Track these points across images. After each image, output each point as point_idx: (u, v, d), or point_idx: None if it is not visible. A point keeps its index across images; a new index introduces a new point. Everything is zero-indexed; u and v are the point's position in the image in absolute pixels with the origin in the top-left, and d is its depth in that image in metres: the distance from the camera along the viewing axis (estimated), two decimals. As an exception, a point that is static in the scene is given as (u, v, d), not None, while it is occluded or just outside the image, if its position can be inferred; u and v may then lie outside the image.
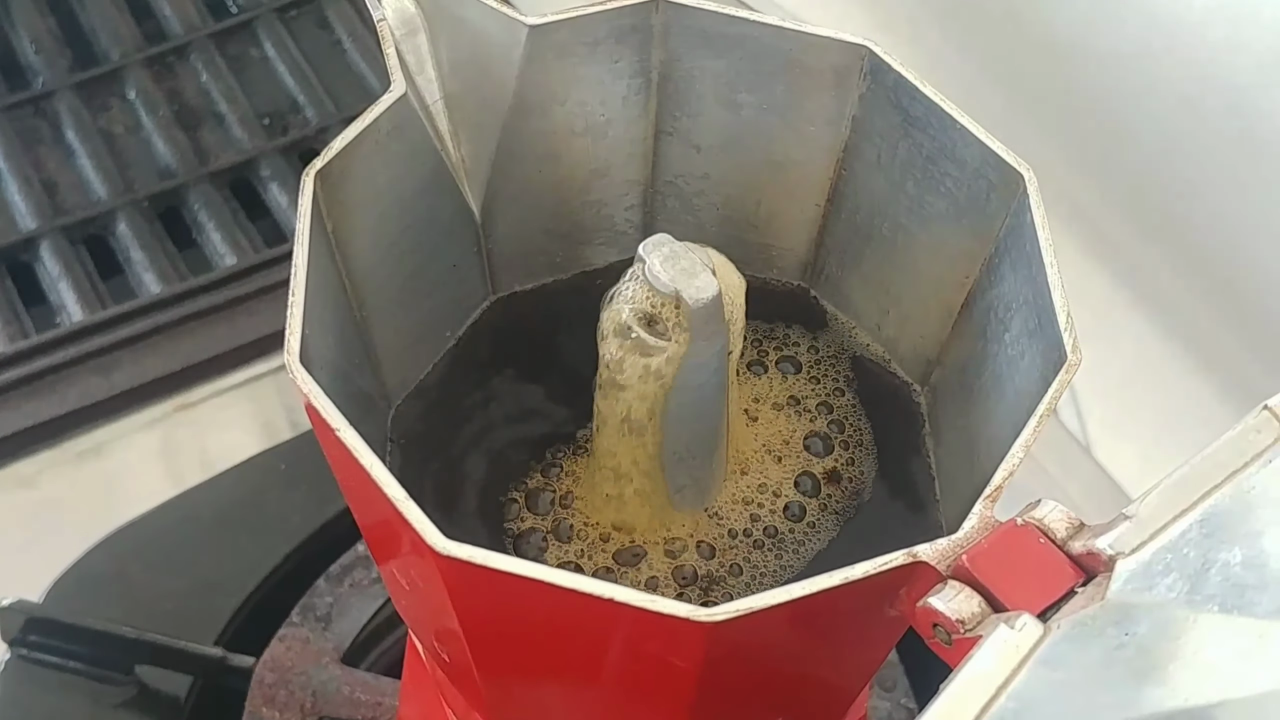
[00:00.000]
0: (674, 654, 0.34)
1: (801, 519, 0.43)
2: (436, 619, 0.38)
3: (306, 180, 0.38)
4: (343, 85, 0.91)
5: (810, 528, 0.43)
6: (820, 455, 0.44)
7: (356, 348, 0.42)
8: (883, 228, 0.44)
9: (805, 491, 0.43)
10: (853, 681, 0.42)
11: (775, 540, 0.42)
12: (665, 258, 0.37)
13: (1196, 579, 0.29)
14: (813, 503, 0.43)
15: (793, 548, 0.42)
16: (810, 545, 0.42)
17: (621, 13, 0.42)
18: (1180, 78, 0.74)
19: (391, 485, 0.33)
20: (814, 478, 0.44)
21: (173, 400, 0.76)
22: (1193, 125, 0.74)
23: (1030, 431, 0.35)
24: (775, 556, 0.42)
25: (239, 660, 0.63)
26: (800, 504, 0.43)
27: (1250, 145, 0.72)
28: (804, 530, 0.43)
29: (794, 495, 0.43)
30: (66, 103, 0.89)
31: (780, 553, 0.42)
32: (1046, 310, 0.37)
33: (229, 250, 0.82)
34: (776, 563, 0.42)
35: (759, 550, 0.42)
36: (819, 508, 0.43)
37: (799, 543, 0.42)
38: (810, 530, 0.43)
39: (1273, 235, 0.72)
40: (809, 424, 0.45)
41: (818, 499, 0.43)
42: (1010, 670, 0.29)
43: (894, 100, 0.41)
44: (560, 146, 0.44)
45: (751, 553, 0.42)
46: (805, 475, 0.44)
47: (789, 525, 0.43)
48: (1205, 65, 0.73)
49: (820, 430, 0.45)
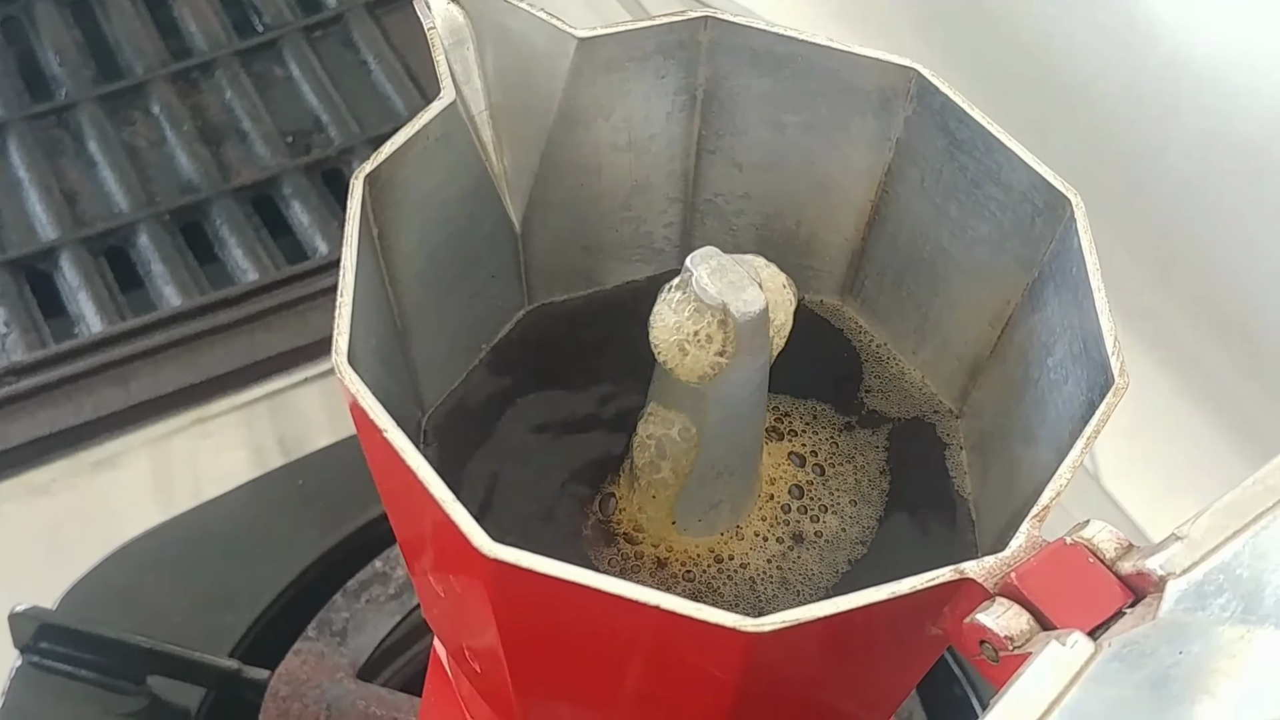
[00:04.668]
0: (715, 664, 0.33)
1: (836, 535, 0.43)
2: (472, 627, 0.38)
3: (356, 183, 0.38)
4: (367, 106, 0.91)
5: (842, 548, 0.43)
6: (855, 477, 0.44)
7: (394, 353, 0.42)
8: (924, 251, 0.44)
9: (838, 512, 0.43)
10: (885, 704, 0.42)
11: (802, 553, 0.42)
12: (713, 270, 0.37)
13: (1250, 599, 0.29)
14: (844, 523, 0.43)
15: (828, 565, 0.42)
16: (841, 565, 0.42)
17: (670, 28, 0.42)
18: (1199, 126, 0.75)
19: (438, 486, 0.33)
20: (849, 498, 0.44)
21: (190, 413, 0.76)
22: (1210, 172, 0.75)
23: (1078, 453, 0.35)
24: (809, 572, 0.42)
25: (254, 673, 0.62)
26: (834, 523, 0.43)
27: (1266, 192, 0.73)
28: (837, 549, 0.43)
29: (824, 514, 0.43)
30: (89, 115, 0.90)
31: (814, 569, 0.42)
32: (1093, 335, 0.37)
33: (250, 266, 0.82)
34: (810, 580, 0.42)
35: (793, 567, 0.42)
36: (850, 528, 0.43)
37: (831, 561, 0.42)
38: (843, 550, 0.43)
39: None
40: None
41: (850, 519, 0.43)
42: (1063, 687, 0.29)
43: (940, 123, 0.41)
44: (602, 160, 0.45)
45: (787, 569, 0.42)
46: (841, 494, 0.44)
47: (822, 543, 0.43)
48: (1225, 114, 0.73)
49: (855, 451, 0.45)
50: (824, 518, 0.43)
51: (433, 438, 0.44)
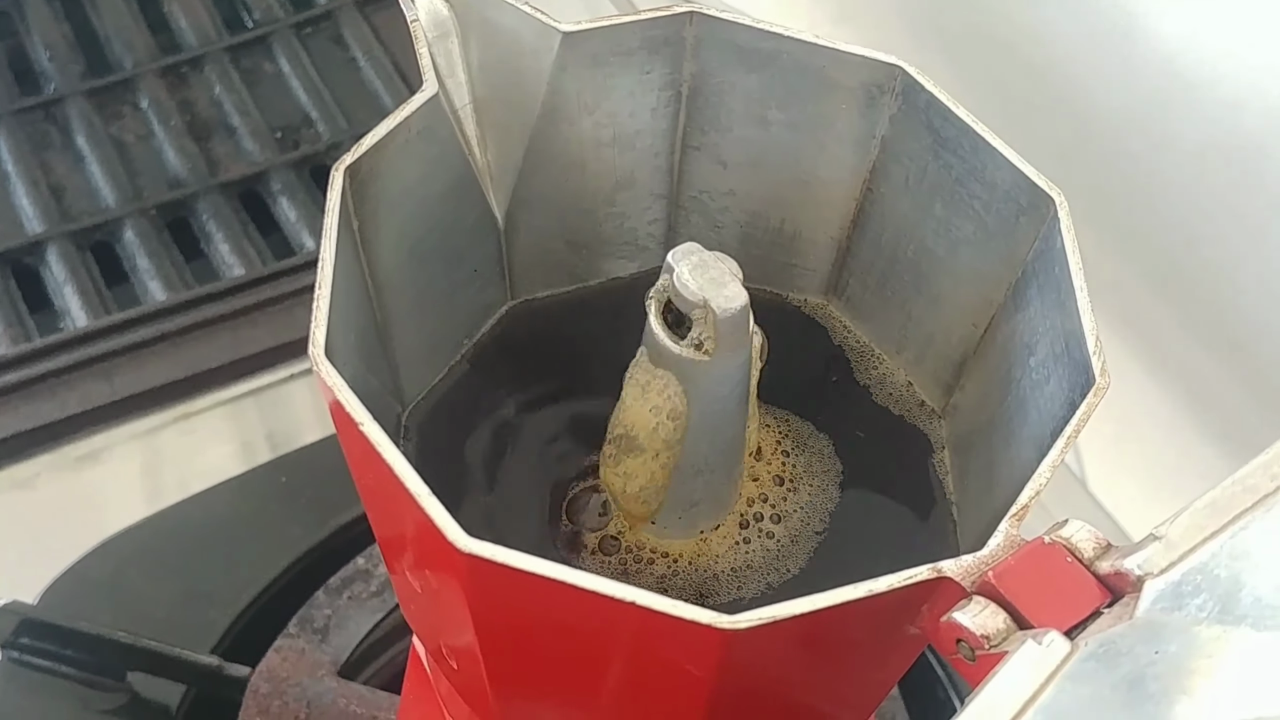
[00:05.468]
0: (691, 662, 0.33)
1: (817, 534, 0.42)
2: (449, 623, 0.38)
3: (335, 175, 0.38)
4: (356, 102, 0.91)
5: (825, 546, 0.42)
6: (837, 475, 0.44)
7: (374, 348, 0.41)
8: (908, 250, 0.44)
9: (818, 512, 0.43)
10: (863, 703, 0.42)
11: (785, 552, 0.42)
12: (694, 266, 0.37)
13: (1228, 599, 0.29)
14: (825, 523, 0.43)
15: (808, 564, 0.42)
16: (824, 563, 0.42)
17: (655, 23, 0.42)
18: (1190, 132, 0.75)
19: (414, 480, 0.32)
20: (829, 496, 0.43)
21: (175, 408, 0.76)
22: (1201, 178, 0.75)
23: (1057, 452, 0.34)
24: (788, 571, 0.42)
25: (234, 670, 0.62)
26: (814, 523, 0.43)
27: (1257, 199, 0.73)
28: (818, 549, 0.42)
29: (805, 513, 0.43)
30: (78, 109, 0.89)
31: (794, 568, 0.42)
32: (1075, 334, 0.37)
33: (236, 261, 0.82)
34: (790, 579, 0.42)
35: (773, 566, 0.42)
36: (831, 528, 0.43)
37: (812, 560, 0.42)
38: (823, 550, 0.42)
39: (1276, 288, 0.73)
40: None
41: (831, 519, 0.43)
42: (1038, 686, 0.29)
43: (925, 121, 0.41)
44: (587, 156, 0.44)
45: (767, 568, 0.42)
46: (821, 493, 0.43)
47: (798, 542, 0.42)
48: (1217, 121, 0.73)
49: (838, 449, 0.44)
50: (804, 517, 0.43)
51: (413, 433, 0.44)
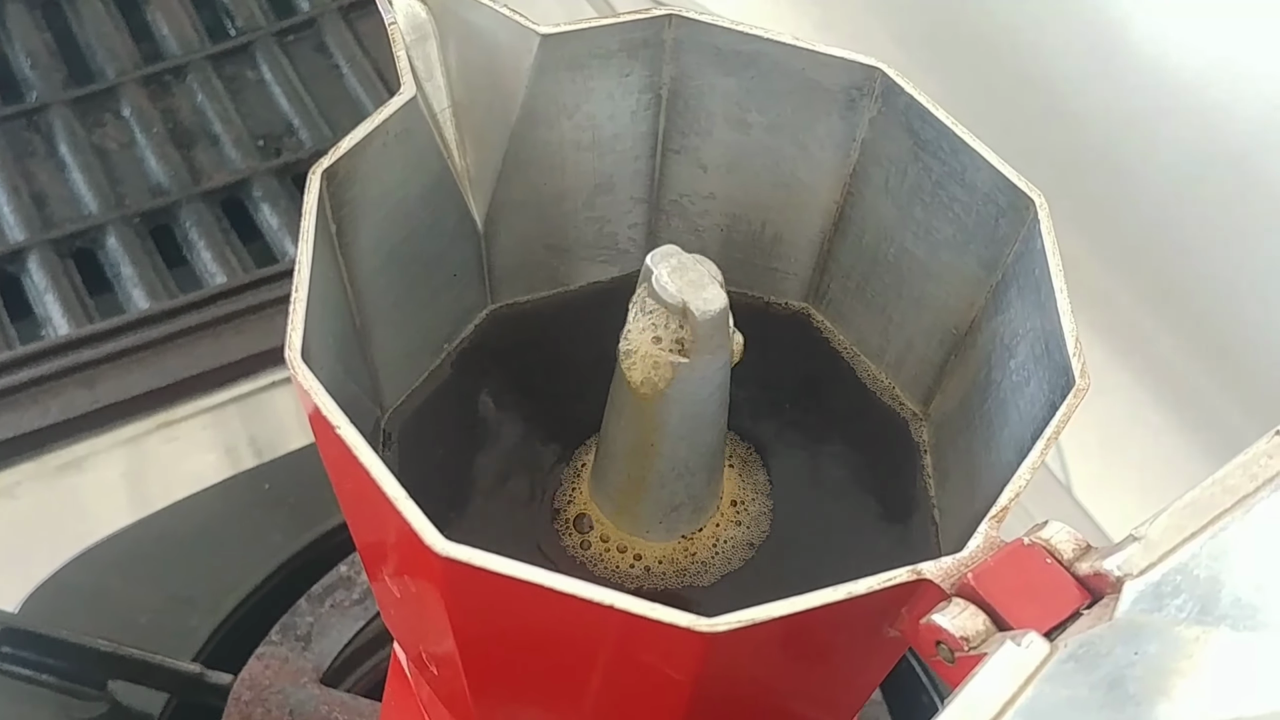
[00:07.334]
0: (671, 665, 0.33)
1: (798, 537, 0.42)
2: (428, 629, 0.38)
3: (313, 178, 0.37)
4: (339, 110, 0.91)
5: (806, 549, 0.42)
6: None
7: (353, 352, 0.41)
8: (889, 252, 0.44)
9: (801, 514, 0.43)
10: (845, 706, 0.42)
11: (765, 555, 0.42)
12: (673, 269, 0.37)
13: (1207, 600, 0.29)
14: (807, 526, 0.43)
15: (790, 568, 0.42)
16: (806, 567, 0.42)
17: (635, 26, 0.42)
18: (1178, 139, 0.75)
19: (390, 484, 0.32)
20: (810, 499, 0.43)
21: (157, 416, 0.76)
22: (1189, 184, 0.75)
23: (1037, 454, 0.34)
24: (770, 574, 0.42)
25: (216, 678, 0.62)
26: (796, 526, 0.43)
27: (1246, 206, 0.73)
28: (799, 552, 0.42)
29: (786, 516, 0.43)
30: (60, 117, 0.89)
31: (775, 571, 0.42)
32: (1055, 336, 0.37)
33: (219, 269, 0.82)
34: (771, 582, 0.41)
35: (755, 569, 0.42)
36: (814, 531, 0.43)
37: (793, 564, 0.42)
38: (805, 553, 0.42)
39: (1264, 294, 0.73)
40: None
41: (813, 521, 0.43)
42: (1017, 687, 0.28)
43: (905, 123, 0.41)
44: (566, 159, 0.44)
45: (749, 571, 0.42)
46: (802, 496, 0.43)
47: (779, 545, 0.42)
48: (1204, 127, 0.73)
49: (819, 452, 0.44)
50: (787, 521, 0.43)
51: (393, 438, 0.44)
